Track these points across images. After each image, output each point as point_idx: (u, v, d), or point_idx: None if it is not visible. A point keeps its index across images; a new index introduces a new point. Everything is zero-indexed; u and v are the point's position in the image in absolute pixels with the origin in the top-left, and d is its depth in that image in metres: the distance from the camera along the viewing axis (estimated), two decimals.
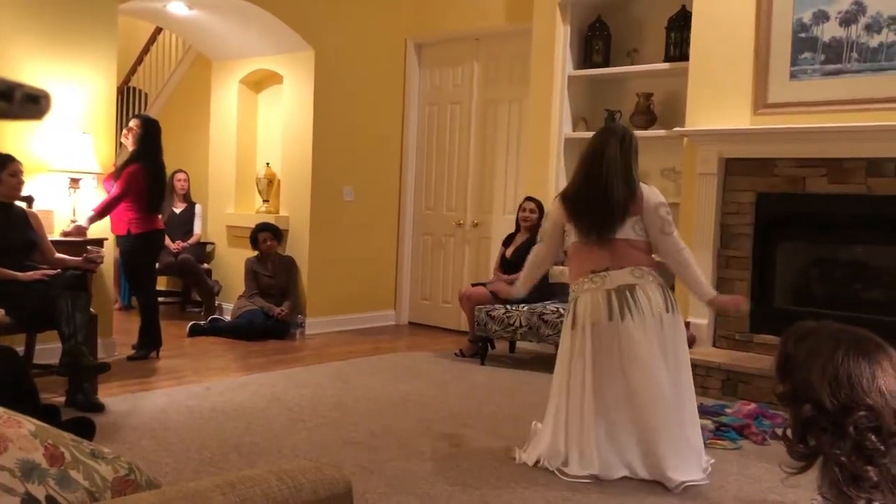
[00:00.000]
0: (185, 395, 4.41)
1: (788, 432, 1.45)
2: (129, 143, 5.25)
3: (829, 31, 4.63)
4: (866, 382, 1.35)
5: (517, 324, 5.30)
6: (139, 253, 5.26)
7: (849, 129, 4.50)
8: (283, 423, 3.95)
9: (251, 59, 6.91)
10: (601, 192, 3.33)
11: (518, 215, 5.74)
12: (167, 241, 6.93)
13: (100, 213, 5.05)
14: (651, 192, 3.40)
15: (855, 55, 4.55)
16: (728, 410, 4.21)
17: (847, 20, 4.57)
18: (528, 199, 5.73)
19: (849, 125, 4.50)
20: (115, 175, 5.18)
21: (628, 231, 3.35)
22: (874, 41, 4.48)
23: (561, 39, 5.90)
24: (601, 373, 3.32)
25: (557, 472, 3.31)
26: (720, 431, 3.91)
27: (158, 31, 8.42)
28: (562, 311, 5.13)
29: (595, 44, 5.90)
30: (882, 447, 1.34)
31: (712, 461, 3.41)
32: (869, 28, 4.50)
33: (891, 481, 1.34)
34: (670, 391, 3.28)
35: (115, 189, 5.09)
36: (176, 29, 7.22)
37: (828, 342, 1.41)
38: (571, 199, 3.43)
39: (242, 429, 3.84)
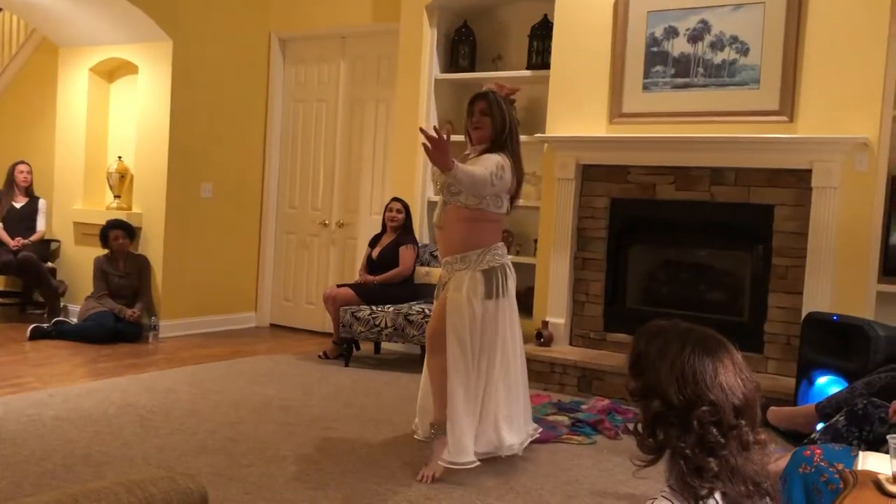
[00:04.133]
0: (25, 404, 4.11)
1: (639, 427, 1.52)
2: None
3: (679, 46, 4.91)
4: (709, 379, 1.43)
5: (382, 325, 5.29)
6: None
7: (694, 140, 4.80)
8: (135, 431, 3.76)
9: (103, 47, 6.53)
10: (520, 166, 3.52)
11: (384, 216, 5.73)
12: (6, 237, 6.53)
13: None
14: None
15: (701, 70, 4.85)
16: (583, 407, 4.38)
17: (694, 37, 4.86)
18: (395, 199, 5.73)
19: (694, 136, 4.79)
20: None
21: None
22: (718, 58, 4.80)
23: (428, 42, 5.95)
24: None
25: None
26: (576, 427, 4.07)
27: None
28: (427, 311, 5.17)
29: (461, 48, 5.99)
30: (722, 440, 1.42)
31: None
32: (713, 46, 4.81)
33: (729, 471, 1.43)
34: None
35: None
36: (17, 9, 6.71)
37: (676, 341, 1.48)
38: (519, 171, 3.47)
39: (90, 437, 3.62)
